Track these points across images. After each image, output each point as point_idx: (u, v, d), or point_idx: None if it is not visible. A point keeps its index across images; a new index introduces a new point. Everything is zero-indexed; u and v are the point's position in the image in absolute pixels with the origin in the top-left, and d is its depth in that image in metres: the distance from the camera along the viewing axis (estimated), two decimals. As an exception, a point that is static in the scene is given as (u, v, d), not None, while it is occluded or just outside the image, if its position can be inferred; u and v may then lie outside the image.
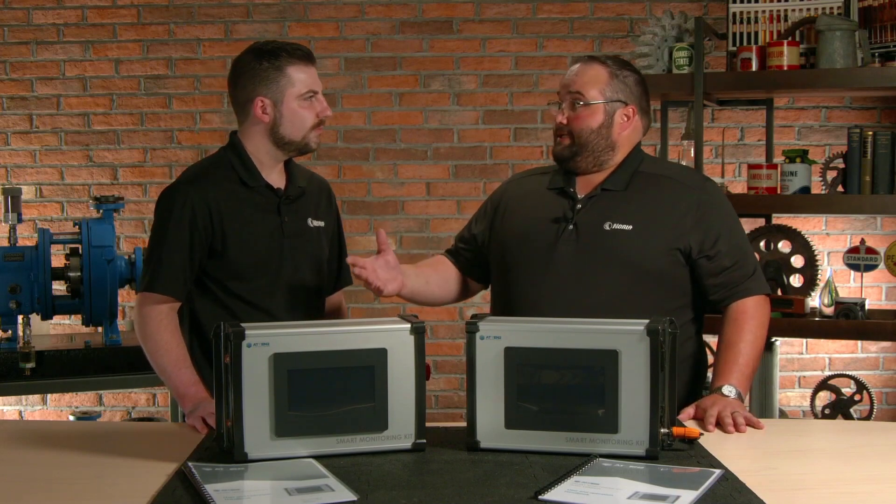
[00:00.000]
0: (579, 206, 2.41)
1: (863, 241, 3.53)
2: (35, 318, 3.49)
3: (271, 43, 2.50)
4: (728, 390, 2.26)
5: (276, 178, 2.52)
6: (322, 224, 2.61)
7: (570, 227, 2.40)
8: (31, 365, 3.37)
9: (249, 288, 2.47)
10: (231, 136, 2.55)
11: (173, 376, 2.36)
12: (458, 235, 2.67)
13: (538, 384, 2.00)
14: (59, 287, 3.48)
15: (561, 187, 2.46)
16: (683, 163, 3.67)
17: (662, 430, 1.94)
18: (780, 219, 3.83)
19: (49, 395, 4.62)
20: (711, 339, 2.51)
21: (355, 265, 2.32)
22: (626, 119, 2.43)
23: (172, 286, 2.41)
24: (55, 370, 3.43)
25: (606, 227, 2.38)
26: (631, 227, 2.37)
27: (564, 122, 2.42)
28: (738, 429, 2.15)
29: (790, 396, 4.56)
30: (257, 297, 2.47)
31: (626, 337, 1.95)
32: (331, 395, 1.97)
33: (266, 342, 1.93)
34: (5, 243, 3.52)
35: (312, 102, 2.48)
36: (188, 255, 2.42)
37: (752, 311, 2.39)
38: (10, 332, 3.46)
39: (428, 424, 2.03)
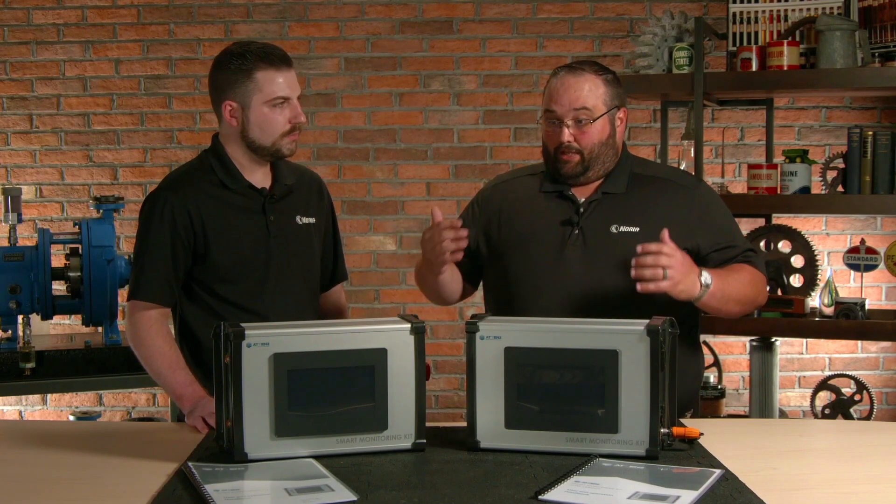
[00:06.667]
0: (582, 209, 2.40)
1: (863, 241, 3.53)
2: (35, 318, 3.49)
3: (246, 44, 2.42)
4: (705, 276, 2.21)
5: (260, 178, 2.47)
6: (313, 220, 2.55)
7: (576, 231, 2.39)
8: (31, 365, 3.36)
9: (237, 290, 2.44)
10: (213, 138, 2.50)
11: (169, 379, 2.35)
12: None
13: (538, 384, 2.00)
14: (59, 287, 3.47)
15: (558, 191, 2.43)
16: (684, 163, 3.68)
17: (662, 430, 1.94)
18: (780, 219, 3.83)
19: (49, 395, 4.62)
20: (712, 339, 2.51)
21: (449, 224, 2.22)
22: (620, 121, 2.43)
23: (157, 293, 2.40)
24: (55, 370, 3.42)
25: (613, 230, 2.37)
26: (638, 228, 2.36)
27: (572, 140, 2.37)
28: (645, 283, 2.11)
29: (790, 396, 4.56)
30: (245, 298, 2.44)
31: (626, 337, 1.95)
32: (331, 395, 1.97)
33: (266, 342, 1.93)
34: (5, 243, 3.52)
35: (283, 108, 2.38)
36: (171, 260, 2.40)
37: (749, 269, 2.36)
38: (10, 332, 3.46)
39: (428, 424, 2.03)
